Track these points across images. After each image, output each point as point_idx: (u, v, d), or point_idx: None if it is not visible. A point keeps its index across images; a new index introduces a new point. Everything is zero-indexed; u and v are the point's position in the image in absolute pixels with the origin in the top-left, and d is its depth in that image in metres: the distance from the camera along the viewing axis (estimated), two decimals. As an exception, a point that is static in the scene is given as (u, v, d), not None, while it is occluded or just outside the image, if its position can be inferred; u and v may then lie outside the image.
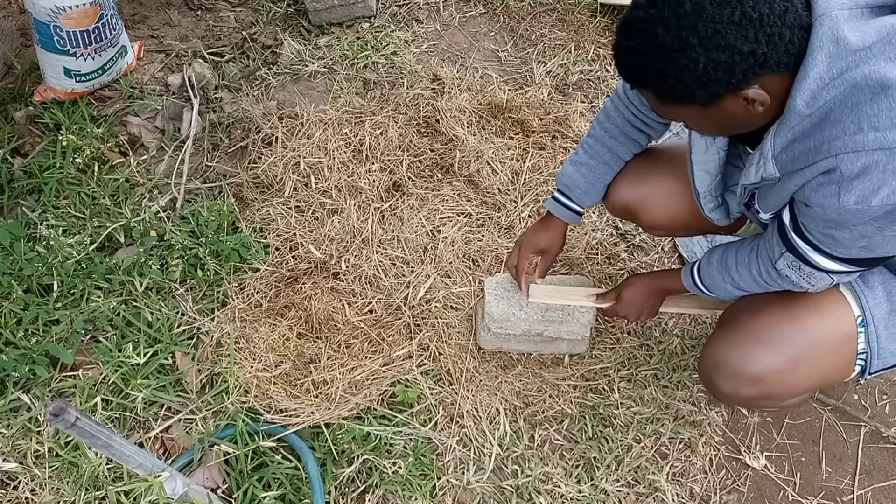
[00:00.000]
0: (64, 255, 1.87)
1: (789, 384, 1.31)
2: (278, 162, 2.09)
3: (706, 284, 1.41)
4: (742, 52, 0.90)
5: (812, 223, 1.07)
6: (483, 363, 1.74)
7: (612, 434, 1.64)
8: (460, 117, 2.18)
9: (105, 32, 2.19)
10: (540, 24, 2.52)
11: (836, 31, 0.92)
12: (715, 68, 0.92)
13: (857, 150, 0.92)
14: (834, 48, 0.92)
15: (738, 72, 0.93)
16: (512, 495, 1.56)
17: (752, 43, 0.90)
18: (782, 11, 0.90)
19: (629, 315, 1.58)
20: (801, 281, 1.19)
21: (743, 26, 0.89)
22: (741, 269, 1.31)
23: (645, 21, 0.94)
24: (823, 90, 0.94)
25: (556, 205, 1.57)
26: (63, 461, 1.58)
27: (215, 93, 2.35)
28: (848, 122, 0.93)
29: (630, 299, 1.56)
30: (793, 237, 1.14)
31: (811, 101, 0.95)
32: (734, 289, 1.35)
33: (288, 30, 2.51)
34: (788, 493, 1.61)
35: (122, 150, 2.21)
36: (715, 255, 1.38)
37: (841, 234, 1.04)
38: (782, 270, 1.20)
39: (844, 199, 0.96)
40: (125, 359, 1.68)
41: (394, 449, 1.59)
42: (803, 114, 0.96)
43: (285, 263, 1.90)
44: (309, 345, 1.75)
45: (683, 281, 1.48)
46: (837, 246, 1.07)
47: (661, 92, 1.01)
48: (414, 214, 2.00)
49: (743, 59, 0.91)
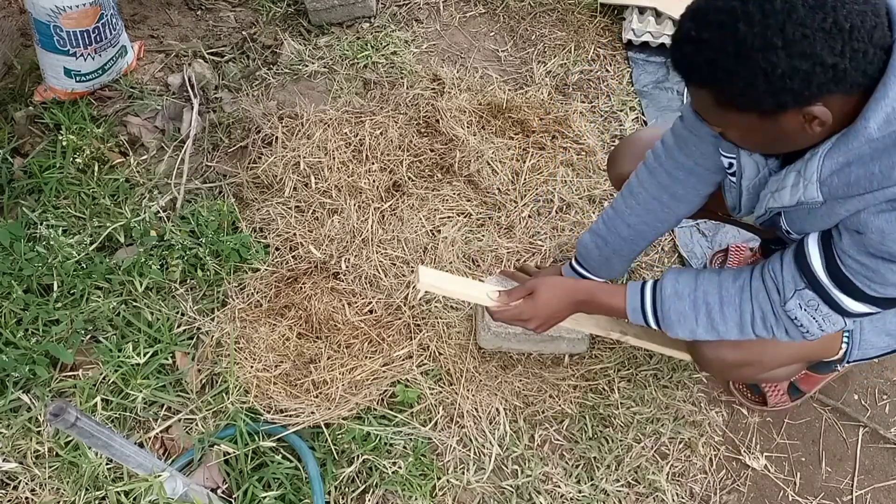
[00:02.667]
0: (64, 255, 1.87)
1: (771, 352, 1.27)
2: (278, 162, 2.09)
3: (664, 319, 1.23)
4: (825, 64, 0.83)
5: (857, 254, 0.98)
6: (483, 363, 1.74)
7: (612, 434, 1.64)
8: (460, 117, 2.18)
9: (105, 32, 2.19)
10: (540, 24, 2.52)
11: None
12: (792, 77, 0.84)
13: None
14: None
15: (815, 84, 0.85)
16: (512, 495, 1.56)
17: (838, 56, 0.83)
18: (872, 27, 0.83)
19: (534, 318, 1.35)
20: (811, 325, 1.09)
21: (832, 36, 0.82)
22: (728, 309, 1.16)
23: (725, 12, 0.85)
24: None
25: (570, 272, 1.53)
26: (63, 461, 1.58)
27: (215, 93, 2.35)
28: None
29: (545, 301, 1.33)
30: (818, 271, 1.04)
31: (885, 124, 0.87)
32: (705, 332, 1.20)
33: (288, 30, 2.51)
34: (788, 493, 1.61)
35: (122, 150, 2.21)
36: (685, 285, 1.21)
37: (887, 268, 0.96)
38: (792, 312, 1.09)
39: None
40: (125, 359, 1.68)
41: (394, 449, 1.59)
42: (872, 137, 0.88)
43: (285, 263, 1.90)
44: (309, 345, 1.75)
45: (627, 305, 1.28)
46: (877, 282, 0.99)
47: (723, 93, 0.93)
48: (414, 214, 2.00)
49: (824, 71, 0.83)
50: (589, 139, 2.16)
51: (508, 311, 1.37)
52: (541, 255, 1.93)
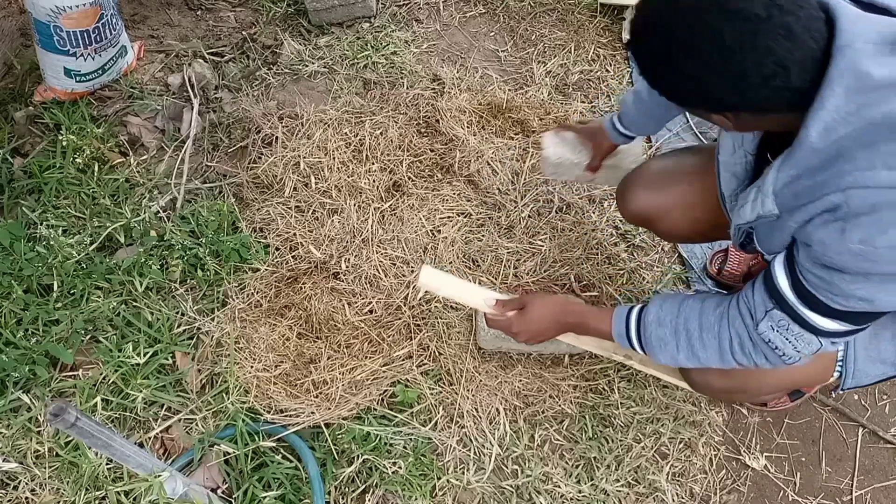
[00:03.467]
0: (64, 255, 1.87)
1: (758, 381, 1.27)
2: (278, 162, 2.09)
3: (647, 345, 1.24)
4: (743, 102, 0.90)
5: (812, 267, 0.99)
6: (483, 363, 1.74)
7: (612, 434, 1.64)
8: (460, 117, 2.18)
9: (105, 32, 2.19)
10: (540, 24, 2.52)
11: (857, 65, 0.87)
12: (720, 104, 0.92)
13: (867, 185, 0.87)
14: (854, 82, 0.87)
15: (746, 107, 0.92)
16: (512, 495, 1.56)
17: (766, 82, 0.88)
18: (776, 67, 0.87)
19: (521, 333, 1.37)
20: (786, 346, 1.08)
21: (754, 51, 0.86)
22: (707, 337, 1.16)
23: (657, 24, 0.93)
24: (839, 125, 0.88)
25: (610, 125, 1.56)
26: (63, 461, 1.58)
27: (215, 93, 2.35)
28: (861, 158, 0.88)
29: (534, 317, 1.36)
30: (784, 290, 1.05)
31: (825, 133, 0.89)
32: (687, 360, 1.20)
33: (288, 30, 2.51)
34: (788, 493, 1.61)
35: (122, 150, 2.21)
36: (668, 312, 1.22)
37: (840, 278, 0.95)
38: (764, 334, 1.09)
39: (849, 236, 0.90)
40: (125, 359, 1.68)
41: (394, 449, 1.59)
42: (815, 147, 0.90)
43: (285, 263, 1.90)
44: (309, 345, 1.75)
45: (613, 330, 1.30)
46: (836, 293, 0.98)
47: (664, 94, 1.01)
48: (414, 214, 2.00)
49: (745, 104, 0.91)
50: (589, 139, 2.16)
51: (500, 322, 1.40)
52: (541, 255, 1.93)
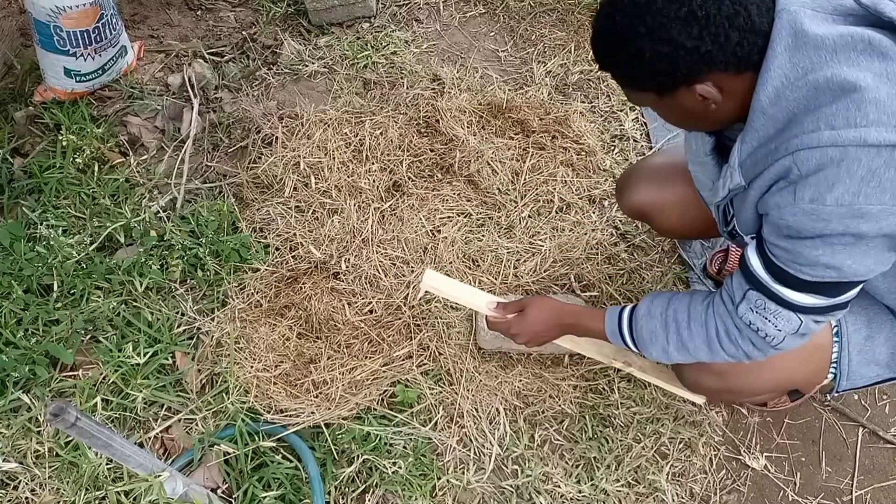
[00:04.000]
0: (64, 255, 1.87)
1: (751, 383, 1.29)
2: (278, 162, 2.09)
3: (639, 339, 1.27)
4: (685, 47, 0.94)
5: (776, 239, 1.01)
6: (483, 363, 1.74)
7: (612, 434, 1.64)
8: (460, 117, 2.18)
9: (105, 32, 2.19)
10: (540, 24, 2.52)
11: (794, 24, 0.94)
12: (659, 59, 0.96)
13: (811, 146, 0.92)
14: (792, 40, 0.93)
15: (682, 66, 0.96)
16: (512, 495, 1.56)
17: (696, 39, 0.93)
18: (731, 14, 0.93)
19: (520, 334, 1.41)
20: (766, 326, 1.09)
21: (688, 22, 0.92)
22: (695, 326, 1.18)
23: (611, 5, 0.99)
24: (787, 90, 0.94)
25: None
26: (63, 461, 1.58)
27: (215, 93, 2.35)
28: (807, 122, 0.93)
29: (532, 319, 1.39)
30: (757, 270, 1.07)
31: (775, 98, 0.95)
32: (677, 351, 1.22)
33: (288, 30, 2.51)
34: (788, 493, 1.61)
35: (122, 150, 2.21)
36: (658, 305, 1.24)
37: (801, 245, 0.98)
38: (745, 316, 1.11)
39: (799, 196, 0.94)
40: (125, 359, 1.68)
41: (394, 449, 1.59)
42: (766, 112, 0.97)
43: (285, 263, 1.90)
44: (309, 345, 1.75)
45: (606, 327, 1.33)
46: (801, 263, 1.00)
47: (620, 77, 1.06)
48: (414, 214, 2.00)
49: (686, 53, 0.94)
50: (589, 139, 2.16)
51: (501, 324, 1.44)
52: (541, 255, 1.93)
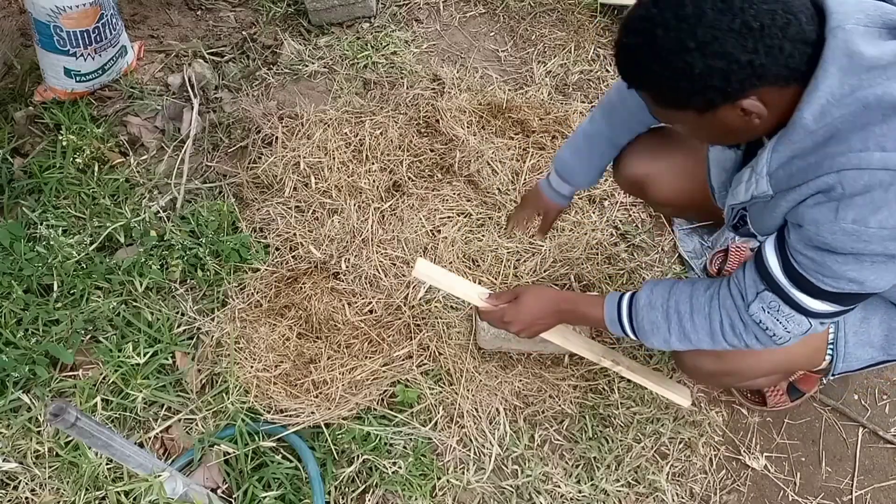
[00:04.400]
0: (64, 255, 1.87)
1: (750, 365, 1.29)
2: (278, 162, 2.09)
3: (639, 329, 1.26)
4: (740, 62, 0.88)
5: (804, 248, 1.00)
6: (483, 363, 1.74)
7: (612, 434, 1.64)
8: (460, 117, 2.18)
9: (105, 32, 2.19)
10: (540, 24, 2.52)
11: (850, 45, 0.89)
12: (711, 75, 0.90)
13: (860, 167, 0.89)
14: (847, 62, 0.89)
15: (735, 81, 0.90)
16: (512, 495, 1.56)
17: (751, 53, 0.87)
18: (784, 24, 0.88)
19: (514, 322, 1.38)
20: (776, 327, 1.09)
21: (742, 35, 0.87)
22: (698, 318, 1.18)
23: (646, 20, 0.92)
24: (833, 107, 0.90)
25: (548, 187, 1.56)
26: (63, 461, 1.58)
27: (215, 93, 2.35)
28: (854, 140, 0.90)
29: (527, 306, 1.38)
30: (775, 272, 1.06)
31: (819, 116, 0.91)
32: (679, 341, 1.21)
33: (288, 30, 2.51)
34: (788, 493, 1.61)
35: (122, 150, 2.21)
36: (658, 295, 1.23)
37: (832, 259, 0.97)
38: (755, 315, 1.10)
39: (842, 216, 0.92)
40: (125, 359, 1.68)
41: (394, 449, 1.59)
42: (809, 128, 0.92)
43: (285, 263, 1.90)
44: (309, 345, 1.75)
45: (605, 316, 1.31)
46: (827, 276, 1.00)
47: (657, 95, 0.99)
48: (414, 214, 2.00)
49: (740, 68, 0.89)
50: (589, 139, 2.16)
51: (494, 313, 1.42)
52: (540, 255, 1.93)
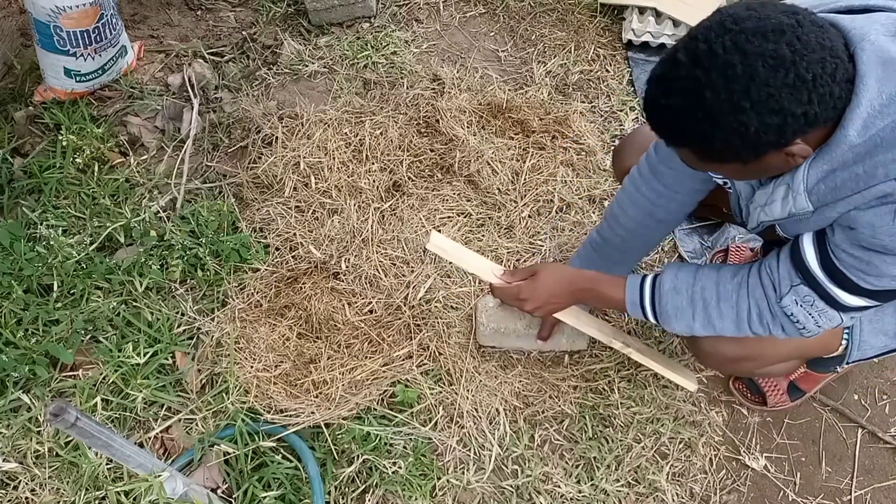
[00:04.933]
0: (64, 255, 1.87)
1: (769, 350, 1.29)
2: (278, 162, 2.09)
3: (661, 313, 1.26)
4: (795, 115, 0.87)
5: (850, 248, 1.00)
6: (483, 363, 1.74)
7: (612, 434, 1.64)
8: (460, 117, 2.18)
9: (105, 32, 2.19)
10: (540, 24, 2.52)
11: (881, 53, 0.89)
12: (766, 131, 0.89)
13: None
14: (883, 71, 0.88)
15: (789, 133, 0.90)
16: (512, 495, 1.56)
17: (806, 105, 0.87)
18: (833, 69, 0.87)
19: (530, 299, 1.37)
20: (808, 321, 1.10)
21: (797, 88, 0.86)
22: (724, 307, 1.18)
23: (689, 81, 0.89)
24: (876, 117, 0.90)
25: None
26: (63, 461, 1.58)
27: (215, 93, 2.35)
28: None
29: (545, 283, 1.36)
30: (812, 267, 1.05)
31: (863, 129, 0.90)
32: (702, 327, 1.21)
33: (288, 30, 2.51)
34: (788, 493, 1.61)
35: (122, 150, 2.21)
36: (683, 281, 1.23)
37: (881, 259, 0.97)
38: (787, 307, 1.10)
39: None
40: (125, 359, 1.68)
41: (394, 449, 1.59)
42: (853, 143, 0.91)
43: (285, 263, 1.90)
44: (309, 345, 1.75)
45: (627, 297, 1.30)
46: (871, 274, 1.00)
47: (702, 152, 0.97)
48: (414, 214, 2.00)
49: (795, 120, 0.88)
50: (589, 139, 2.16)
51: (509, 289, 1.40)
52: (541, 255, 1.93)
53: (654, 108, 0.96)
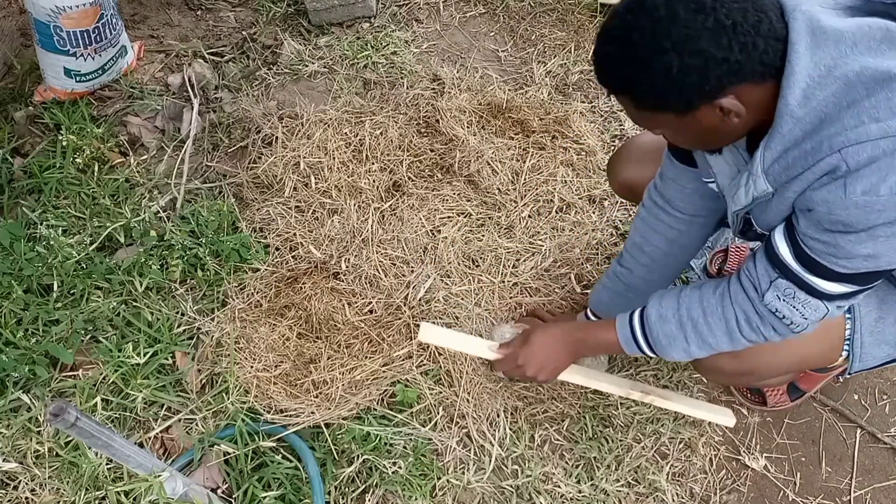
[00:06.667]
0: (64, 255, 1.87)
1: (769, 362, 1.29)
2: (278, 162, 2.09)
3: (656, 345, 1.26)
4: (715, 59, 0.90)
5: (815, 233, 1.00)
6: (483, 363, 1.74)
7: (612, 434, 1.64)
8: (460, 117, 2.18)
9: (105, 32, 2.19)
10: (540, 24, 2.52)
11: (811, 22, 0.92)
12: (688, 73, 0.92)
13: (860, 141, 0.90)
14: (811, 39, 0.92)
15: (712, 78, 0.92)
16: (512, 495, 1.56)
17: (726, 50, 0.90)
18: (756, 21, 0.90)
19: (528, 365, 1.37)
20: (793, 314, 1.10)
21: (716, 32, 0.89)
22: (712, 319, 1.18)
23: (621, 28, 0.95)
24: (816, 89, 0.92)
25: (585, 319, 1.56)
26: (63, 461, 1.58)
27: (215, 93, 2.35)
28: (847, 118, 0.91)
29: (538, 345, 1.37)
30: (787, 259, 1.06)
31: (803, 100, 0.93)
32: (698, 348, 1.21)
33: (288, 30, 2.51)
34: (788, 493, 1.61)
35: (122, 150, 2.21)
36: (668, 307, 1.24)
37: (845, 240, 0.97)
38: (771, 304, 1.11)
39: (851, 189, 0.92)
40: (125, 359, 1.68)
41: (394, 449, 1.59)
42: (795, 115, 0.94)
43: (285, 263, 1.90)
44: (309, 345, 1.75)
45: (619, 336, 1.30)
46: (841, 257, 1.00)
47: (637, 98, 1.01)
48: (414, 214, 2.00)
49: (716, 65, 0.91)
50: (589, 139, 2.16)
51: (507, 360, 1.41)
52: (541, 254, 1.93)
53: (595, 57, 1.01)
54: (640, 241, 1.47)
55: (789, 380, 1.66)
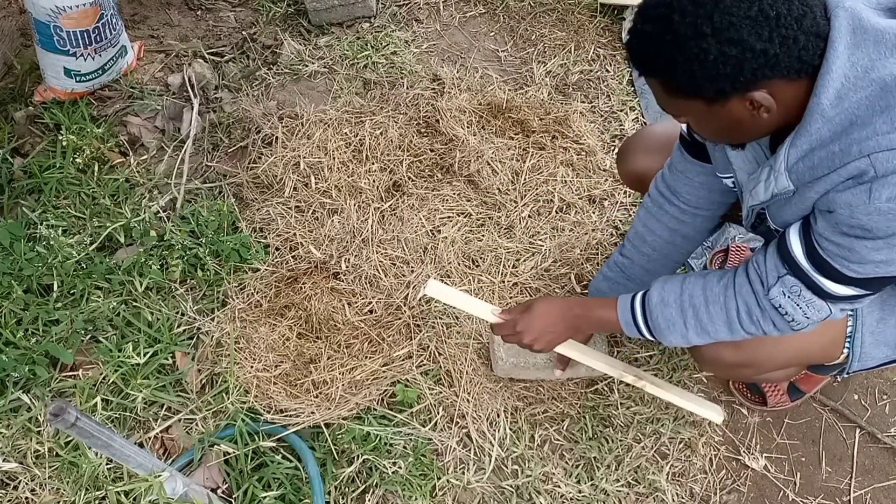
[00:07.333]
0: (64, 255, 1.87)
1: (770, 355, 1.28)
2: (278, 162, 2.09)
3: (655, 328, 1.25)
4: (754, 50, 0.88)
5: (832, 235, 0.99)
6: (483, 363, 1.74)
7: (612, 434, 1.64)
8: (460, 117, 2.18)
9: (105, 32, 2.19)
10: (540, 24, 2.52)
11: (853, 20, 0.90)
12: (725, 62, 0.89)
13: (892, 147, 0.89)
14: (852, 38, 0.90)
15: (748, 70, 0.90)
16: (512, 495, 1.56)
17: (766, 42, 0.88)
18: (800, 15, 0.88)
19: (526, 332, 1.35)
20: (796, 312, 1.09)
21: (758, 23, 0.87)
22: (714, 308, 1.18)
23: (662, 6, 0.92)
24: (850, 90, 0.90)
25: None
26: (63, 461, 1.58)
27: (215, 93, 2.35)
28: (879, 123, 0.90)
29: (539, 314, 1.35)
30: (798, 257, 1.05)
31: (836, 101, 0.91)
32: (696, 335, 1.22)
33: (288, 30, 2.51)
34: (788, 493, 1.61)
35: (122, 150, 2.21)
36: (671, 291, 1.23)
37: (861, 245, 0.97)
38: (775, 300, 1.10)
39: (876, 195, 0.91)
40: (125, 359, 1.68)
41: (394, 449, 1.59)
42: (826, 115, 0.92)
43: (285, 263, 1.90)
44: (309, 345, 1.75)
45: (619, 317, 1.30)
46: (853, 262, 0.99)
47: (668, 81, 0.99)
48: (414, 214, 2.00)
49: (754, 56, 0.89)
50: (589, 139, 2.16)
51: (506, 324, 1.39)
52: (541, 254, 1.93)
53: (632, 35, 0.98)
54: (643, 231, 1.47)
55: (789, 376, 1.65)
